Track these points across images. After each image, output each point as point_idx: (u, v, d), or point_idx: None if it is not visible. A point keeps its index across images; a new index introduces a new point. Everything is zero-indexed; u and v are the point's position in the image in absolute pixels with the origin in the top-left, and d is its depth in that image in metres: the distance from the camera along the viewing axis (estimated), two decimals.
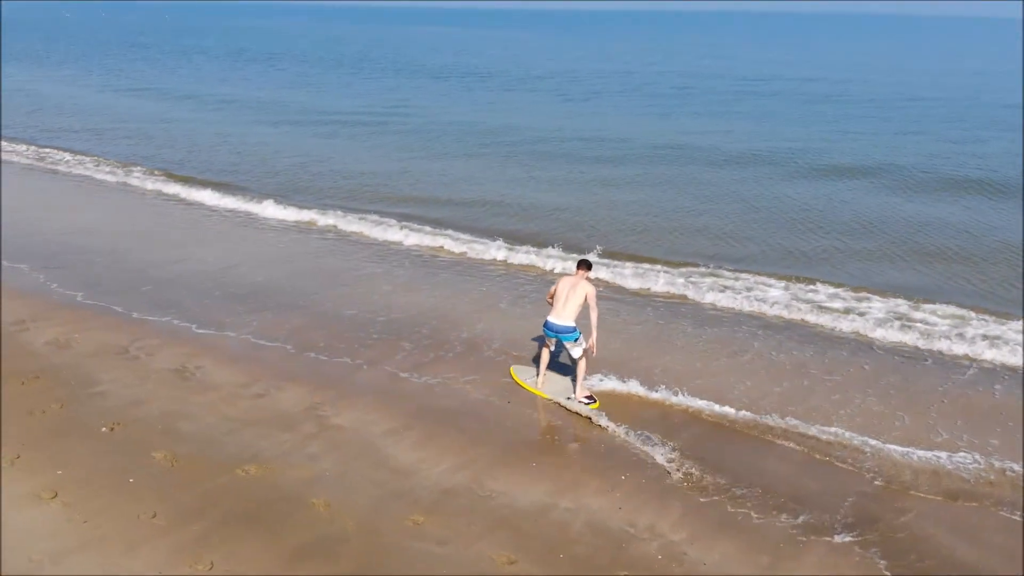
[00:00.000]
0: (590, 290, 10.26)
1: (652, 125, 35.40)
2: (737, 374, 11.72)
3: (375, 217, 19.77)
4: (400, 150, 29.15)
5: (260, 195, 21.93)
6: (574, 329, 10.28)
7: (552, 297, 10.59)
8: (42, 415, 9.86)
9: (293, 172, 25.43)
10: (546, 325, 10.47)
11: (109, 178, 24.49)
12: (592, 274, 10.86)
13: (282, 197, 21.79)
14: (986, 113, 39.80)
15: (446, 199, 21.90)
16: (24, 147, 28.97)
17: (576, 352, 10.44)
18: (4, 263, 15.90)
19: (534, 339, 12.47)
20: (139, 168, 25.66)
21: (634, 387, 10.99)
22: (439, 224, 19.37)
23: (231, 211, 20.81)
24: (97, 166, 25.98)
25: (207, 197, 21.68)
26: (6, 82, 49.05)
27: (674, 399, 10.71)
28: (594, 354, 10.56)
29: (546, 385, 10.92)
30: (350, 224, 19.29)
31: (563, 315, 10.28)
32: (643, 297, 14.95)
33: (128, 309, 13.61)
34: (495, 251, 17.01)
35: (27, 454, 8.93)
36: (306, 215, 19.93)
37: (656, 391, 10.87)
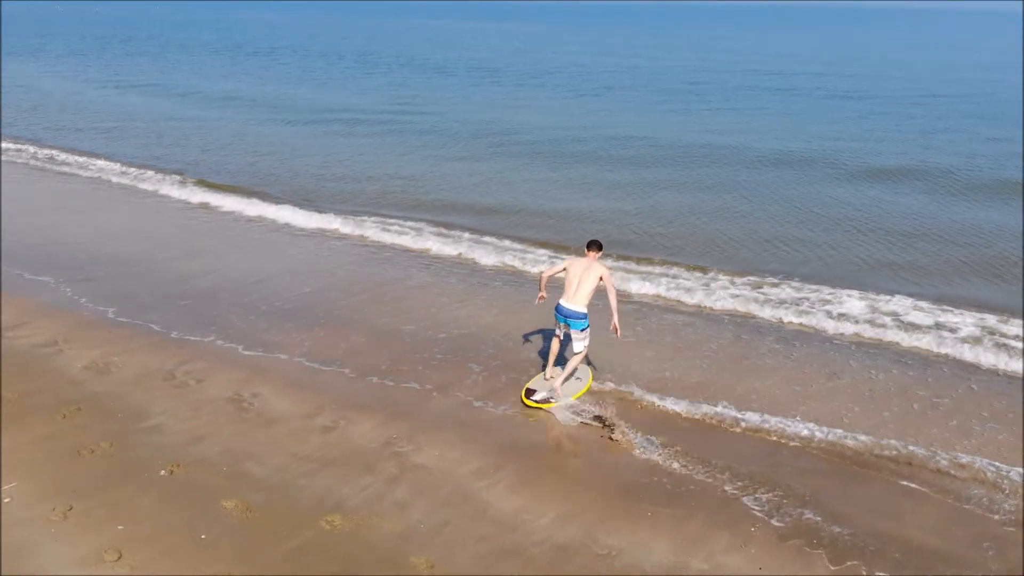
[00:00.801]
0: (604, 272, 9.88)
1: (674, 122, 34.42)
2: (842, 399, 10.78)
3: (411, 224, 18.80)
4: (420, 150, 28.05)
5: (286, 199, 20.93)
6: (584, 316, 9.95)
7: (549, 277, 10.44)
8: (91, 455, 8.86)
9: (315, 174, 24.35)
10: (558, 309, 10.09)
11: (123, 180, 23.38)
12: (646, 286, 9.86)
13: (308, 202, 20.83)
14: (1010, 110, 38.91)
15: (480, 204, 20.84)
16: (33, 148, 27.71)
17: (579, 346, 10.07)
18: (26, 275, 14.82)
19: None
20: (152, 170, 24.49)
21: (728, 412, 10.05)
22: (477, 231, 18.43)
23: (258, 217, 19.67)
24: (109, 167, 24.73)
25: (231, 203, 20.59)
26: (4, 77, 47.65)
27: (786, 428, 9.77)
28: (618, 336, 10.09)
29: (552, 379, 10.36)
30: (386, 232, 18.23)
31: (576, 299, 9.91)
32: (708, 313, 13.96)
33: (167, 327, 12.58)
34: (545, 264, 15.86)
35: (81, 504, 7.94)
36: (338, 222, 18.82)
37: (764, 420, 9.91)
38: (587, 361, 10.93)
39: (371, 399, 10.52)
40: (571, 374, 10.34)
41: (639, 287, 14.77)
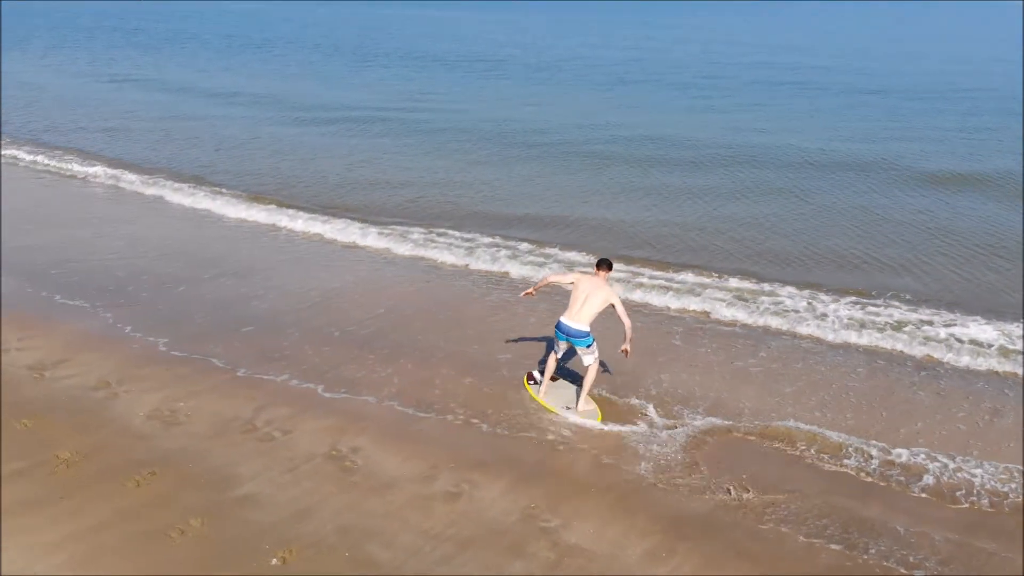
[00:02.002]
0: (615, 299, 9.49)
1: (705, 120, 32.92)
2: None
3: (460, 235, 17.32)
4: (444, 152, 26.22)
5: (321, 209, 19.34)
6: (588, 334, 9.53)
7: (550, 283, 10.13)
8: (182, 538, 7.34)
9: (344, 179, 22.67)
10: (558, 327, 9.65)
11: (140, 188, 21.51)
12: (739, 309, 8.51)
13: (338, 210, 19.24)
14: None
15: (528, 214, 19.25)
16: (37, 149, 25.82)
17: (588, 359, 9.68)
18: (57, 298, 13.19)
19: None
20: (167, 174, 22.75)
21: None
22: (539, 243, 16.92)
23: (303, 232, 17.86)
24: (126, 174, 22.87)
25: (264, 214, 18.83)
26: None
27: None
28: (628, 356, 9.66)
29: (549, 394, 10.09)
30: (436, 246, 16.66)
31: (579, 318, 9.49)
32: (817, 338, 12.58)
33: (231, 362, 11.03)
34: (635, 290, 14.36)
35: None
36: (385, 239, 17.16)
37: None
38: (604, 367, 10.55)
39: (488, 454, 9.05)
40: (589, 389, 9.87)
41: (739, 314, 13.29)
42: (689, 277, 14.94)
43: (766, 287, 14.54)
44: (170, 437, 9.11)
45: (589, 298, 9.48)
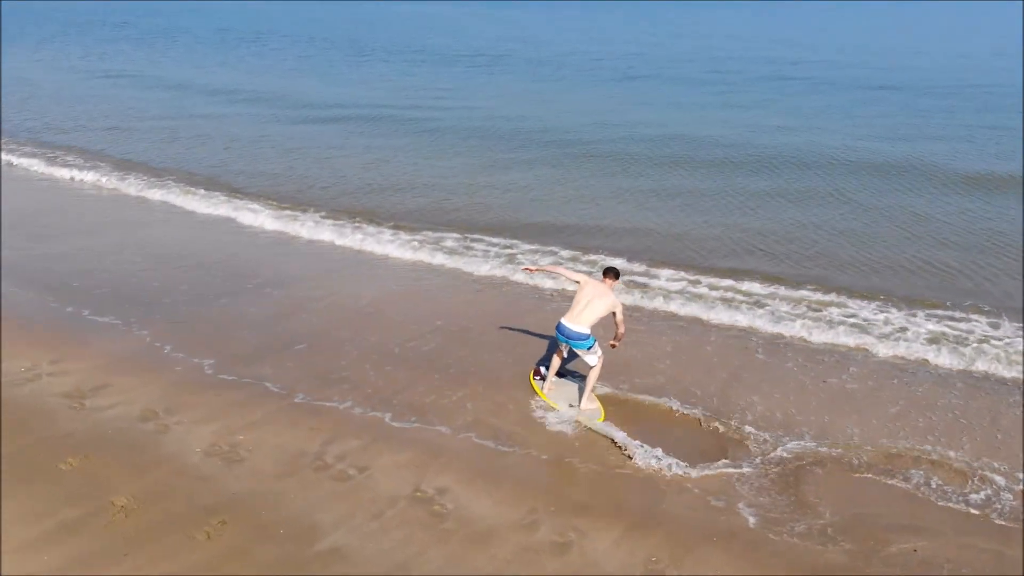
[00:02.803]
0: (618, 308, 9.52)
1: (723, 118, 32.01)
2: None
3: (498, 241, 16.44)
4: (462, 151, 25.21)
5: (346, 214, 18.36)
6: (589, 336, 9.49)
7: (556, 272, 10.30)
8: None
9: (365, 181, 21.63)
10: (559, 328, 9.60)
11: (154, 191, 20.46)
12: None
13: (365, 214, 18.33)
14: None
15: (563, 220, 18.30)
16: (44, 154, 24.59)
17: (591, 360, 9.62)
18: (86, 314, 12.26)
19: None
20: (175, 175, 21.81)
21: None
22: (583, 249, 16.25)
23: (331, 243, 16.82)
24: (132, 174, 21.87)
25: (291, 223, 17.71)
26: None
27: None
28: (615, 347, 9.73)
29: (552, 392, 10.02)
30: (487, 257, 15.63)
31: (580, 320, 9.46)
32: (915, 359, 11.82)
33: (286, 386, 10.14)
34: (692, 303, 13.48)
35: None
36: (420, 245, 16.27)
37: None
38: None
39: (587, 494, 8.22)
40: (592, 388, 9.78)
41: (815, 328, 12.46)
42: (756, 287, 14.17)
43: (833, 297, 13.74)
44: (235, 477, 8.20)
45: (592, 303, 9.43)
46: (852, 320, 12.82)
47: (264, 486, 8.08)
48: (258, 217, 17.95)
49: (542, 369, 10.38)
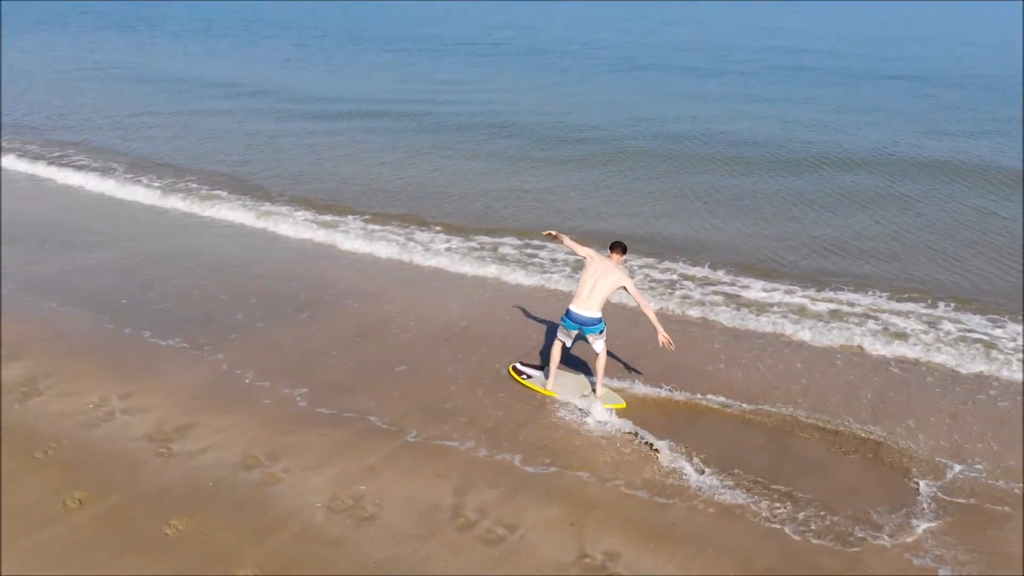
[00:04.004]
0: (628, 283, 9.02)
1: (753, 113, 30.90)
2: None
3: (564, 256, 14.92)
4: (495, 152, 23.83)
5: (393, 219, 17.23)
6: (599, 320, 9.11)
7: (566, 242, 9.47)
8: None
9: (402, 183, 20.39)
10: (568, 315, 9.20)
11: (180, 195, 19.05)
12: None
13: (413, 220, 17.11)
14: None
15: (623, 227, 17.04)
16: (50, 153, 23.15)
17: (599, 346, 9.26)
18: (147, 335, 11.02)
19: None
20: (197, 176, 20.57)
21: None
22: (656, 255, 15.05)
23: (386, 257, 15.38)
24: (150, 175, 20.55)
25: (337, 234, 16.36)
26: None
27: None
28: (672, 348, 9.05)
29: (557, 384, 9.60)
30: (564, 276, 14.27)
31: (589, 304, 9.07)
32: None
33: (394, 421, 9.06)
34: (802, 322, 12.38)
35: None
36: (480, 256, 15.01)
37: None
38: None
39: (780, 562, 7.10)
40: (603, 373, 9.44)
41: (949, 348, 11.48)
42: (859, 299, 13.14)
43: (940, 309, 12.75)
44: (370, 540, 7.08)
45: (599, 283, 9.05)
46: (973, 338, 11.80)
47: (407, 550, 6.96)
48: (296, 224, 16.70)
49: (520, 366, 9.97)
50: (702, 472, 8.23)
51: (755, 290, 13.64)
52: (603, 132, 26.50)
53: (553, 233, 9.82)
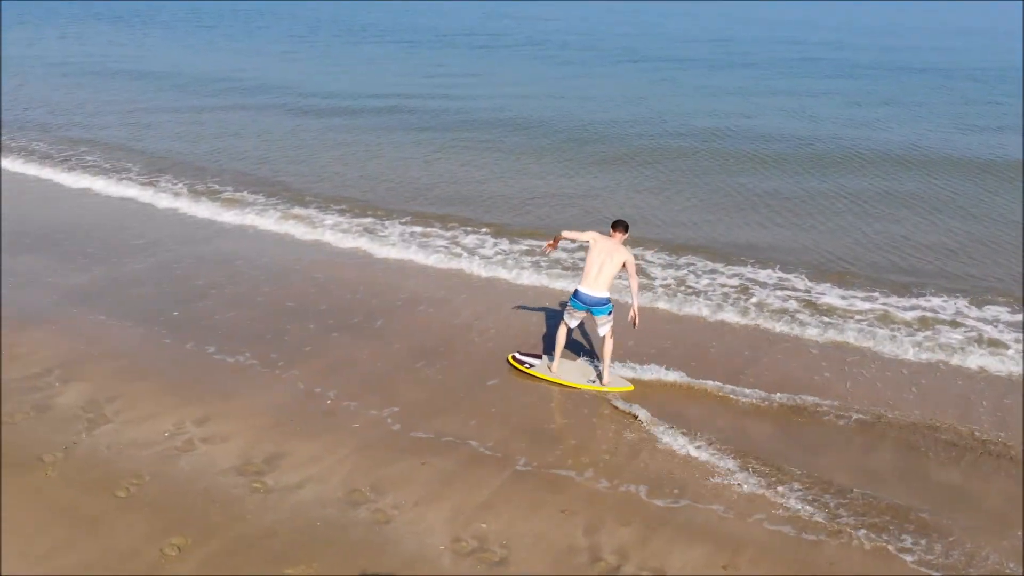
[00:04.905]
0: (629, 258, 9.15)
1: (778, 107, 30.11)
2: None
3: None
4: (533, 152, 22.59)
5: (442, 223, 16.33)
6: (608, 300, 9.23)
7: (568, 237, 9.39)
8: None
9: (430, 182, 19.50)
10: (576, 296, 9.26)
11: (202, 196, 18.15)
12: None
13: (461, 224, 16.25)
14: None
15: (689, 236, 16.29)
16: (58, 152, 22.16)
17: (604, 329, 9.31)
18: (211, 351, 10.19)
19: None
20: (219, 177, 19.61)
21: None
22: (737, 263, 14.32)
23: (446, 269, 14.13)
24: (168, 177, 19.56)
25: (375, 245, 15.21)
26: None
27: None
28: (636, 327, 9.22)
29: (560, 369, 9.58)
30: (666, 296, 13.27)
31: (597, 285, 9.15)
32: None
33: (499, 448, 8.43)
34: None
35: None
36: (542, 267, 14.03)
37: None
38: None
39: None
40: (611, 357, 9.46)
41: None
42: (943, 304, 12.56)
43: None
44: None
45: (605, 263, 9.09)
46: None
47: None
48: (337, 227, 15.86)
49: (519, 355, 9.89)
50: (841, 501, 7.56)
51: (831, 296, 12.98)
52: (635, 129, 25.65)
53: (552, 244, 9.58)
